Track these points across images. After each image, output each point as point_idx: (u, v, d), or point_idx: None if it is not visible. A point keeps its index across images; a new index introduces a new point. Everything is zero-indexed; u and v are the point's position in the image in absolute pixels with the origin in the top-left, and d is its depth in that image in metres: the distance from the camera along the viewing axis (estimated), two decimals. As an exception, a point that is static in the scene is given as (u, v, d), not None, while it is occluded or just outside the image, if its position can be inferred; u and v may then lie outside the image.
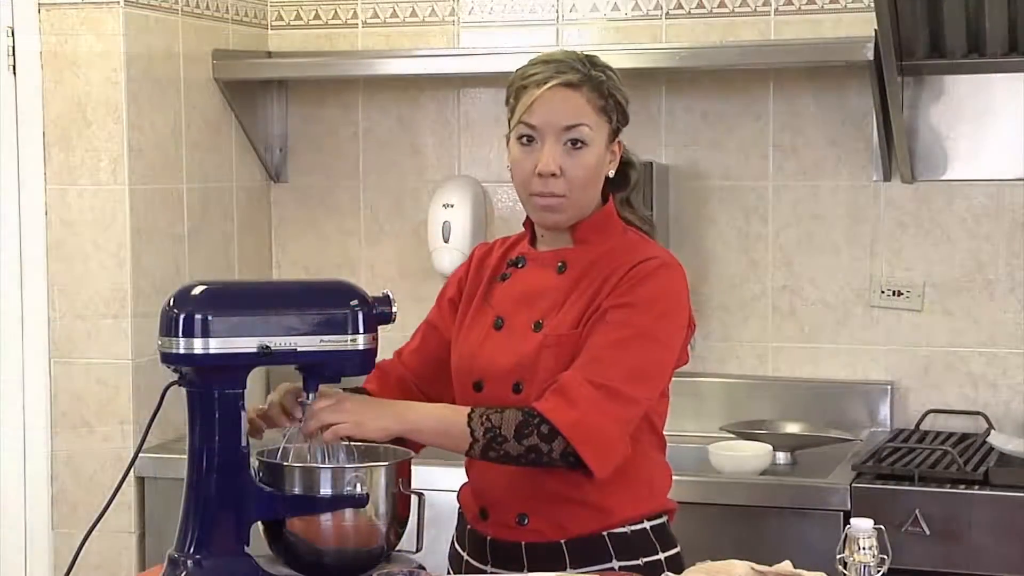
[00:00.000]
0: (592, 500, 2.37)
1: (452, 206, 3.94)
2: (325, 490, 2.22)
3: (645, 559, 2.41)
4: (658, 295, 2.37)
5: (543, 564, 2.38)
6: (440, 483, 3.21)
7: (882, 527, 2.05)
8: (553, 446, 2.27)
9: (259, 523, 2.25)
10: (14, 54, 3.58)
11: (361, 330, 2.25)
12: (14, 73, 3.59)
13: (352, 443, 2.31)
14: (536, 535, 2.40)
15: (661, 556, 2.42)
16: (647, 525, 2.42)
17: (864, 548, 2.03)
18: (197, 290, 2.22)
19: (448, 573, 2.54)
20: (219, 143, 3.96)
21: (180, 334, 2.17)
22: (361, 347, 2.25)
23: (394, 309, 2.29)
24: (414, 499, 2.29)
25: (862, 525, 2.03)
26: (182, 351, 2.17)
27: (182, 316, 2.17)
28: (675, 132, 3.88)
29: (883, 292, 3.77)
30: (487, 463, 2.34)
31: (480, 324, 2.48)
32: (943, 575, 3.14)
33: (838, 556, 2.04)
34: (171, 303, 2.20)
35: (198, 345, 2.17)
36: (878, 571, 2.03)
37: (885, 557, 2.04)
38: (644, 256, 2.39)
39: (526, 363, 2.37)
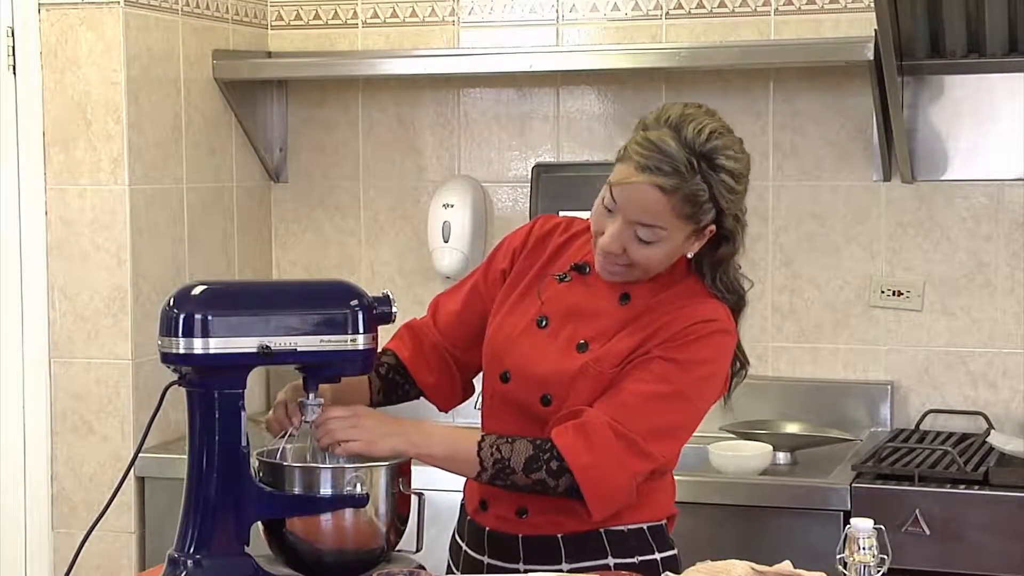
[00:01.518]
0: None
1: (452, 206, 3.94)
2: (325, 490, 2.22)
3: (641, 558, 2.41)
4: (706, 359, 2.37)
5: (539, 557, 2.39)
6: (440, 483, 3.21)
7: (882, 527, 2.05)
8: (560, 482, 2.29)
9: (259, 523, 2.25)
10: (14, 54, 3.58)
11: (361, 330, 2.25)
12: (14, 73, 3.59)
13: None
14: (533, 528, 2.41)
15: (657, 556, 2.43)
16: (644, 526, 2.43)
17: (864, 548, 2.02)
18: (197, 290, 2.22)
19: (448, 565, 2.55)
20: (219, 143, 3.96)
21: (180, 334, 2.17)
22: (361, 347, 2.25)
23: (394, 309, 2.29)
24: (414, 499, 2.30)
25: (862, 525, 2.03)
26: (182, 351, 2.17)
27: (182, 316, 2.17)
28: (675, 132, 3.88)
29: (883, 292, 3.77)
30: None
31: (522, 313, 2.46)
32: (943, 575, 3.14)
33: (838, 556, 2.04)
34: (171, 303, 2.20)
35: (198, 345, 2.17)
36: (878, 571, 2.03)
37: (885, 557, 2.04)
38: (705, 316, 2.36)
39: (561, 381, 2.36)
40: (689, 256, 2.37)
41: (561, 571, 2.37)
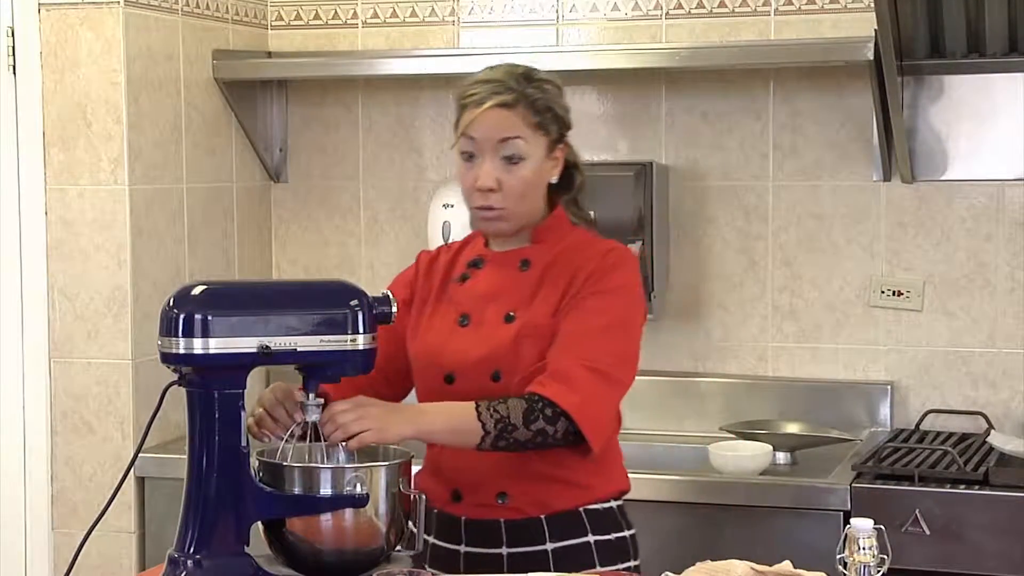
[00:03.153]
0: (574, 478, 2.49)
1: (452, 206, 3.93)
2: (325, 490, 2.22)
3: (616, 535, 2.53)
4: (627, 283, 2.51)
5: (523, 539, 2.47)
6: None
7: (882, 527, 2.05)
8: (557, 427, 2.38)
9: (259, 523, 2.25)
10: (14, 54, 3.58)
11: (361, 330, 2.25)
12: (14, 73, 3.59)
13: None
14: (516, 512, 2.48)
15: (627, 533, 2.56)
16: (613, 504, 2.56)
17: (864, 548, 2.03)
18: (197, 290, 2.22)
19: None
20: (219, 143, 3.96)
21: (180, 334, 2.17)
22: (361, 347, 2.26)
23: (394, 309, 2.30)
24: (414, 499, 2.29)
25: (862, 525, 2.03)
26: (182, 351, 2.17)
27: (182, 316, 2.17)
28: (675, 132, 3.88)
29: (883, 292, 3.77)
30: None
31: (442, 322, 2.55)
32: (943, 575, 3.14)
33: (838, 556, 2.04)
34: (171, 303, 2.20)
35: (198, 345, 2.17)
36: (878, 571, 2.03)
37: (885, 557, 2.04)
38: (607, 247, 2.53)
39: (504, 353, 2.46)
40: (554, 181, 2.53)
41: (546, 551, 2.45)
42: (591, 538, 2.50)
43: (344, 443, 2.27)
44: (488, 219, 2.51)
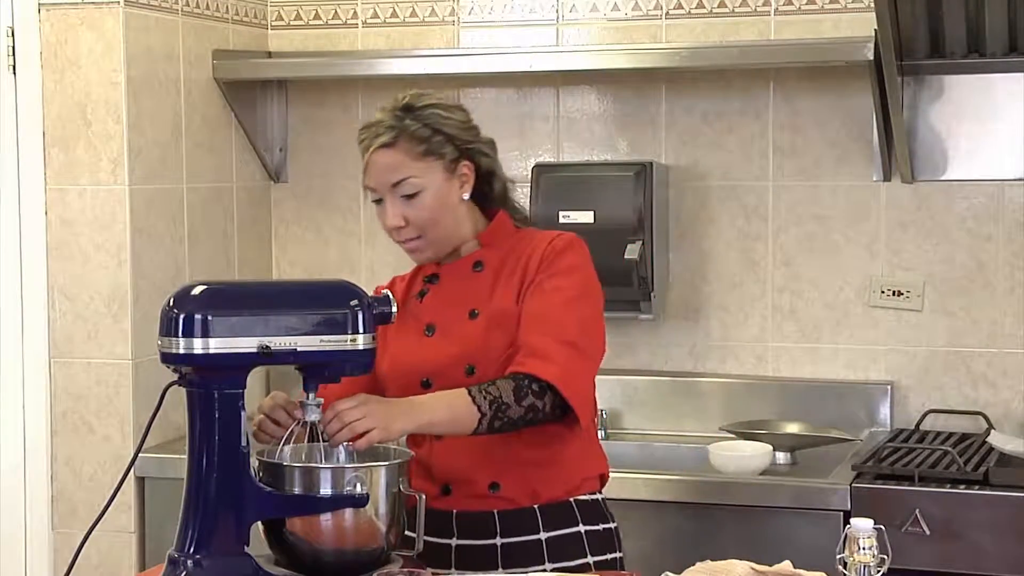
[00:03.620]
0: (561, 459, 2.53)
1: (452, 206, 3.93)
2: (325, 490, 2.22)
3: (603, 525, 2.58)
4: (579, 263, 2.56)
5: (516, 529, 2.50)
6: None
7: (882, 527, 2.06)
8: (545, 400, 2.42)
9: (259, 523, 2.25)
10: (14, 54, 3.58)
11: (361, 330, 2.25)
12: (14, 73, 3.59)
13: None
14: (508, 503, 2.51)
15: (612, 525, 2.60)
16: (599, 496, 2.61)
17: (864, 548, 2.03)
18: (197, 290, 2.23)
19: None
20: (219, 143, 3.96)
21: (180, 334, 2.17)
22: (361, 347, 2.26)
23: (394, 309, 2.31)
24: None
25: (862, 525, 2.04)
26: (182, 351, 2.18)
27: (182, 316, 2.17)
28: (675, 132, 3.88)
29: (883, 292, 3.77)
30: (447, 442, 2.47)
31: (407, 337, 2.57)
32: (943, 575, 3.14)
33: (838, 556, 2.04)
34: (171, 303, 2.20)
35: (198, 345, 2.17)
36: (878, 571, 2.03)
37: (885, 557, 2.05)
38: (554, 235, 2.60)
39: (476, 346, 2.50)
40: (466, 197, 2.56)
41: (539, 541, 2.48)
42: (582, 528, 2.54)
43: (350, 443, 2.26)
44: (411, 251, 2.58)
